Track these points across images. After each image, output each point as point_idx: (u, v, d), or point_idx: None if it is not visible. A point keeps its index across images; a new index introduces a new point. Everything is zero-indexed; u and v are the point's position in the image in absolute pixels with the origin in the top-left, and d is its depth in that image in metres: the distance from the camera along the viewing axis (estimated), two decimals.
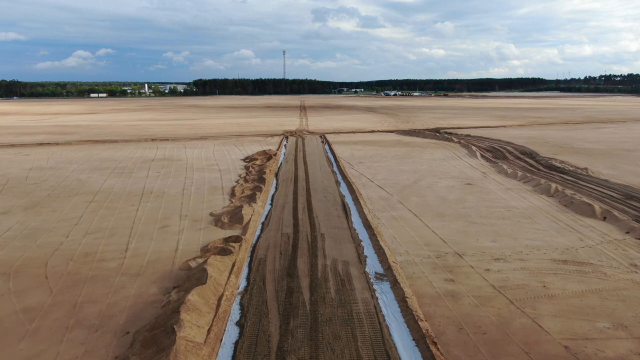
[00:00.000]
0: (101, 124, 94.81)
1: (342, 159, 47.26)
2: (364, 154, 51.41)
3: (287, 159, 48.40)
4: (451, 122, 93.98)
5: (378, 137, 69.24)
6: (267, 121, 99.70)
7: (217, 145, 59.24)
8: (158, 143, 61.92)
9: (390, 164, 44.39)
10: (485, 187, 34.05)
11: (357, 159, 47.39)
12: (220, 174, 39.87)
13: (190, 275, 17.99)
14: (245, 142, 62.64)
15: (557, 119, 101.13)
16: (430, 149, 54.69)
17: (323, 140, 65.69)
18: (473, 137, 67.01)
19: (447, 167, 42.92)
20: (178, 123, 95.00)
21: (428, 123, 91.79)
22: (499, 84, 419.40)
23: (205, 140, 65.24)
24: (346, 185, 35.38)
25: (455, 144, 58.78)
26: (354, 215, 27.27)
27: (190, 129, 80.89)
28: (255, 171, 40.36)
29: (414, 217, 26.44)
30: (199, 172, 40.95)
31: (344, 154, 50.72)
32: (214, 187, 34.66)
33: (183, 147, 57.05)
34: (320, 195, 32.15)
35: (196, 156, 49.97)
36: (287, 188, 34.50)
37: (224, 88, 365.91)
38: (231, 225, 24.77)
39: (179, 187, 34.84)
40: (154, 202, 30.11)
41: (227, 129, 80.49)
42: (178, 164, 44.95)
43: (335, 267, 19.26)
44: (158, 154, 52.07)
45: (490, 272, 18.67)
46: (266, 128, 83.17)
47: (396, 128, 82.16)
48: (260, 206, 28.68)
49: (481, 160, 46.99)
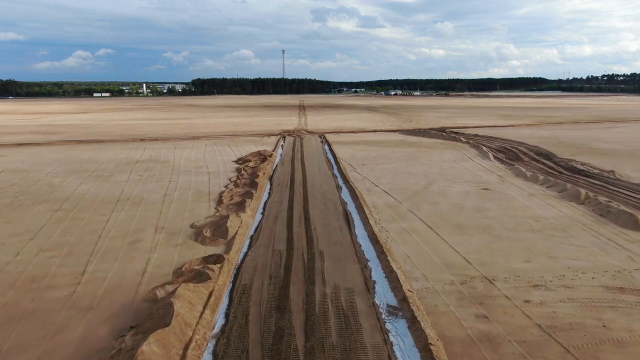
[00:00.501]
0: (92, 123, 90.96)
1: (343, 161, 43.46)
2: (367, 154, 47.59)
3: (283, 161, 44.59)
4: (456, 121, 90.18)
5: (381, 136, 65.42)
6: (265, 120, 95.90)
7: (209, 145, 55.41)
8: (146, 143, 58.09)
9: (396, 166, 40.58)
10: (505, 193, 30.25)
11: (359, 161, 43.59)
12: (209, 178, 36.05)
13: (154, 311, 14.19)
14: (240, 142, 58.83)
15: (566, 118, 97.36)
16: (438, 150, 50.88)
17: (322, 140, 61.90)
18: (482, 137, 63.23)
19: (459, 169, 39.11)
20: (171, 122, 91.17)
21: (432, 122, 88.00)
22: (500, 84, 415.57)
23: (197, 140, 61.41)
24: (348, 191, 31.58)
25: (464, 144, 54.98)
26: (358, 226, 23.47)
27: (183, 129, 77.05)
28: (247, 174, 36.56)
29: (428, 230, 22.64)
30: (185, 175, 37.14)
31: (345, 155, 46.91)
32: (199, 193, 30.84)
33: (172, 148, 53.23)
34: (319, 202, 28.35)
35: (185, 157, 46.15)
36: (282, 194, 30.68)
37: (222, 87, 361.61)
38: (214, 240, 20.95)
39: (160, 192, 31.02)
40: (128, 211, 26.30)
41: (221, 129, 76.67)
42: (164, 166, 41.12)
43: (337, 298, 15.47)
44: (144, 155, 48.24)
45: (531, 304, 14.88)
46: (263, 128, 79.37)
47: (399, 127, 78.36)
48: (250, 216, 24.87)
49: (494, 161, 43.18)
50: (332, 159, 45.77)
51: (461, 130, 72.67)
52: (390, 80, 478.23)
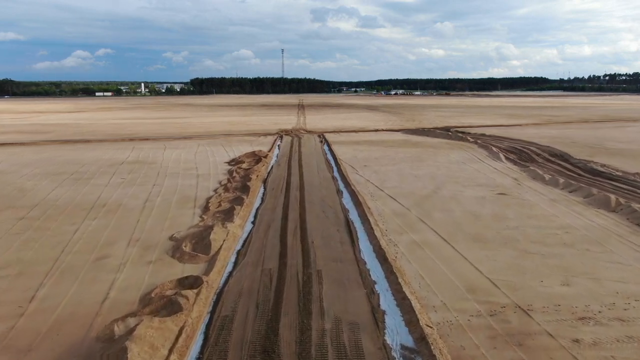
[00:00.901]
0: (83, 122, 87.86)
1: (343, 162, 40.43)
2: (369, 155, 44.55)
3: (279, 162, 41.53)
4: (460, 120, 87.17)
5: (383, 136, 62.38)
6: (262, 120, 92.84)
7: (202, 145, 52.34)
8: (136, 143, 55.02)
9: (401, 168, 37.55)
10: (524, 199, 27.22)
11: (361, 162, 40.56)
12: (197, 181, 33.01)
13: (104, 358, 11.15)
14: (234, 142, 55.77)
15: (573, 117, 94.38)
16: (445, 150, 47.84)
17: (322, 140, 58.85)
18: (489, 136, 60.22)
19: (469, 171, 36.10)
20: (166, 121, 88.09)
21: (435, 122, 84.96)
22: (501, 84, 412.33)
23: (190, 140, 58.33)
24: (350, 196, 28.55)
25: (472, 144, 51.96)
26: (362, 239, 20.45)
27: (176, 128, 73.97)
28: (239, 177, 33.53)
29: (442, 243, 19.63)
30: (172, 178, 34.09)
31: (346, 156, 43.88)
32: (184, 198, 27.80)
33: (162, 148, 50.16)
34: (318, 209, 25.32)
35: (174, 158, 43.10)
36: (277, 199, 27.64)
37: (221, 87, 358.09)
38: (193, 257, 17.92)
39: (141, 198, 27.98)
40: (102, 220, 23.26)
41: (216, 128, 73.60)
42: (150, 168, 38.08)
43: (339, 336, 12.44)
44: (131, 155, 45.19)
45: (582, 346, 11.86)
46: (260, 127, 76.30)
47: (402, 127, 75.31)
48: (238, 226, 21.83)
49: (507, 163, 40.17)
50: (332, 160, 42.74)
51: (466, 129, 69.65)
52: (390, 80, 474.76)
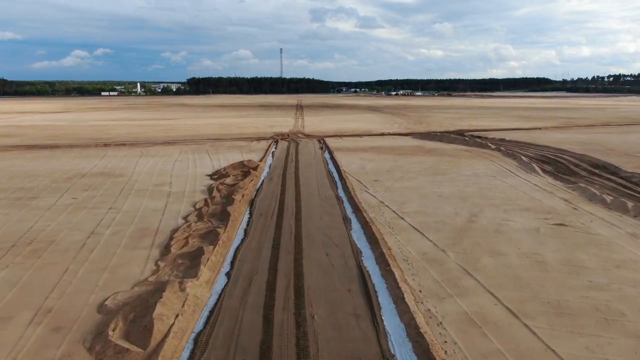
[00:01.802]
0: (62, 124, 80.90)
1: (349, 175, 33.66)
2: (379, 166, 37.78)
3: (272, 175, 34.68)
4: (471, 123, 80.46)
5: (391, 141, 55.59)
6: (257, 121, 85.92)
7: (184, 153, 45.49)
8: (110, 149, 48.15)
9: (420, 184, 30.79)
10: (594, 232, 20.45)
11: (370, 175, 33.78)
12: (167, 202, 26.20)
13: None
14: (223, 148, 48.93)
15: (592, 119, 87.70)
16: (466, 159, 41.08)
17: (322, 145, 52.05)
18: (510, 142, 53.54)
19: (505, 189, 29.33)
20: (152, 123, 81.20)
21: (445, 124, 78.22)
22: (503, 84, 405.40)
23: (172, 145, 51.47)
24: (361, 227, 21.78)
25: (495, 152, 45.21)
26: (388, 310, 13.66)
27: (161, 131, 67.09)
28: (220, 197, 26.73)
29: (511, 320, 12.85)
30: (136, 197, 27.29)
31: (352, 167, 37.10)
32: (143, 231, 21.00)
33: (138, 156, 43.30)
34: (320, 250, 18.54)
35: (148, 169, 36.28)
36: (264, 234, 20.83)
37: (218, 87, 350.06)
38: (120, 356, 11.10)
39: (86, 229, 21.18)
40: (16, 268, 16.46)
41: (205, 131, 66.74)
42: (114, 183, 31.26)
43: None
44: (99, 165, 38.37)
45: None
46: (253, 130, 69.45)
47: (410, 130, 68.55)
48: (204, 285, 15.00)
49: (545, 177, 33.42)
50: (334, 172, 35.95)
51: (482, 133, 62.95)
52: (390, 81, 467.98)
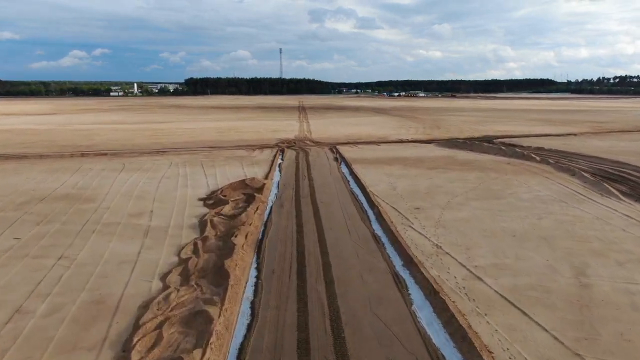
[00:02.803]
0: (44, 128, 73.53)
1: (380, 200, 26.48)
2: (412, 185, 30.59)
3: (282, 201, 27.40)
4: (493, 127, 73.38)
5: (415, 150, 48.41)
6: (258, 125, 78.64)
7: (174, 165, 38.26)
8: (86, 161, 40.90)
9: (476, 214, 23.61)
10: None
11: (407, 199, 26.60)
12: (142, 246, 18.97)
13: None
14: (220, 159, 41.72)
15: (621, 123, 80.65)
16: (515, 176, 33.91)
17: (336, 156, 44.85)
18: (549, 151, 46.53)
19: (593, 223, 22.15)
20: (143, 127, 73.88)
21: (464, 129, 71.14)
22: (506, 85, 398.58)
23: (162, 155, 44.20)
24: (426, 297, 14.60)
25: (543, 165, 38.08)
26: None
27: (151, 137, 59.82)
28: (216, 237, 19.54)
29: None
30: (102, 237, 20.07)
31: (380, 187, 29.92)
32: (95, 307, 13.78)
33: (118, 169, 36.08)
34: (375, 353, 11.33)
35: (126, 190, 29.05)
36: (281, 318, 13.61)
37: (216, 87, 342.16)
38: None
39: (10, 303, 13.96)
40: None
41: (201, 137, 59.50)
42: (78, 213, 24.04)
43: None
44: (67, 183, 31.14)
45: None
46: (255, 135, 62.22)
47: (429, 136, 61.43)
48: None
49: (630, 202, 26.25)
50: (360, 194, 28.74)
51: (512, 140, 55.92)
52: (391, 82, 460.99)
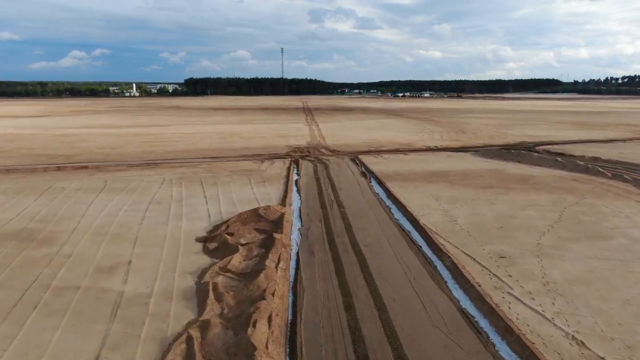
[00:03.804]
0: (26, 132, 66.40)
1: (443, 241, 19.37)
2: (475, 214, 23.45)
3: (310, 243, 20.22)
4: (524, 132, 66.29)
5: (451, 161, 41.30)
6: (264, 129, 71.47)
7: (167, 183, 31.13)
8: (61, 177, 33.79)
9: (597, 269, 16.49)
10: None
11: (480, 240, 19.49)
12: (104, 339, 11.85)
13: None
14: (223, 174, 34.64)
15: None
16: (599, 200, 26.74)
17: (361, 168, 37.75)
18: (608, 161, 39.71)
19: None
20: (137, 132, 66.73)
21: (493, 134, 64.05)
22: (512, 85, 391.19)
23: (153, 168, 37.09)
24: None
25: (618, 182, 30.98)
26: None
27: (144, 144, 52.72)
28: (222, 320, 12.49)
29: None
30: (44, 318, 12.98)
31: (434, 218, 22.79)
32: None
33: (97, 189, 28.98)
34: None
35: (99, 224, 21.94)
36: None
37: (216, 88, 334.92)
38: None
39: None
40: None
41: (200, 144, 52.42)
42: (24, 266, 16.95)
43: None
44: (28, 211, 24.06)
45: None
46: (261, 142, 55.13)
47: (460, 143, 54.37)
48: None
49: None
50: (411, 230, 21.60)
51: (554, 147, 48.93)
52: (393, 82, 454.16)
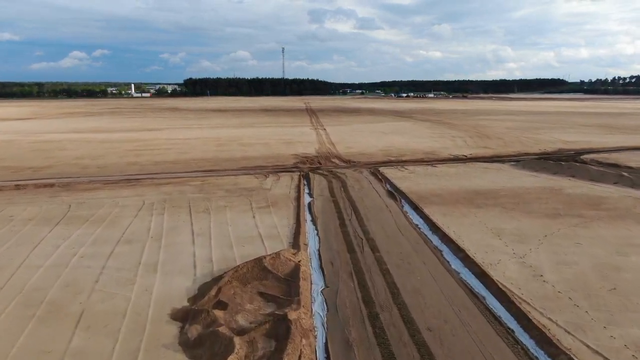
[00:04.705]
0: (1, 139, 59.93)
1: (541, 317, 12.87)
2: (565, 263, 16.92)
3: (338, 316, 13.59)
4: (555, 136, 59.73)
5: (490, 175, 34.72)
6: (266, 134, 64.83)
7: (146, 210, 24.55)
8: (16, 198, 27.23)
9: None
10: None
11: (593, 314, 12.98)
12: None
13: None
14: (218, 194, 28.07)
15: None
16: None
17: (386, 185, 31.14)
18: None
19: None
20: (124, 138, 60.17)
21: (523, 139, 57.50)
22: (517, 85, 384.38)
23: (134, 186, 30.51)
24: None
25: None
26: None
27: (129, 152, 46.18)
28: None
29: None
30: None
31: (509, 271, 16.21)
32: None
33: (53, 220, 22.44)
34: None
35: (40, 280, 15.37)
36: None
37: (216, 88, 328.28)
38: None
39: None
40: None
41: (194, 152, 45.89)
42: None
43: None
44: None
45: None
46: (264, 149, 48.60)
47: (489, 150, 47.82)
48: None
49: None
50: (487, 293, 15.00)
51: (600, 155, 42.39)
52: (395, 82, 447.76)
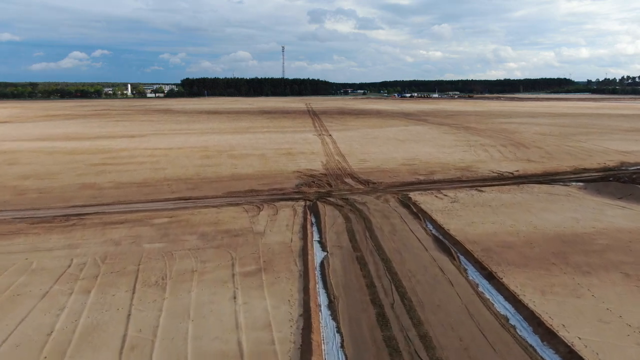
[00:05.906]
0: None
1: None
2: None
3: None
4: (603, 144, 50.83)
5: (571, 210, 25.78)
6: (263, 142, 55.79)
7: (64, 282, 15.53)
8: None
9: None
10: None
11: None
12: None
13: None
14: (187, 245, 19.06)
15: None
16: None
17: (426, 224, 22.18)
18: None
19: None
20: (96, 146, 51.17)
21: (571, 150, 48.59)
22: (522, 85, 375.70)
23: (72, 228, 21.49)
24: None
25: None
26: None
27: (92, 168, 37.20)
28: None
29: None
30: None
31: None
32: None
33: None
34: None
35: None
36: None
37: (214, 88, 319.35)
38: None
39: None
40: None
41: (172, 168, 36.91)
42: None
43: None
44: None
45: None
46: (259, 164, 39.64)
47: (542, 167, 38.90)
48: None
49: None
50: None
51: None
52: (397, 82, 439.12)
